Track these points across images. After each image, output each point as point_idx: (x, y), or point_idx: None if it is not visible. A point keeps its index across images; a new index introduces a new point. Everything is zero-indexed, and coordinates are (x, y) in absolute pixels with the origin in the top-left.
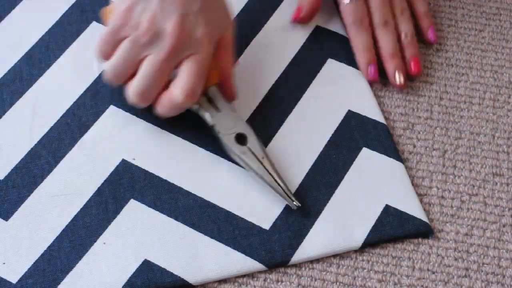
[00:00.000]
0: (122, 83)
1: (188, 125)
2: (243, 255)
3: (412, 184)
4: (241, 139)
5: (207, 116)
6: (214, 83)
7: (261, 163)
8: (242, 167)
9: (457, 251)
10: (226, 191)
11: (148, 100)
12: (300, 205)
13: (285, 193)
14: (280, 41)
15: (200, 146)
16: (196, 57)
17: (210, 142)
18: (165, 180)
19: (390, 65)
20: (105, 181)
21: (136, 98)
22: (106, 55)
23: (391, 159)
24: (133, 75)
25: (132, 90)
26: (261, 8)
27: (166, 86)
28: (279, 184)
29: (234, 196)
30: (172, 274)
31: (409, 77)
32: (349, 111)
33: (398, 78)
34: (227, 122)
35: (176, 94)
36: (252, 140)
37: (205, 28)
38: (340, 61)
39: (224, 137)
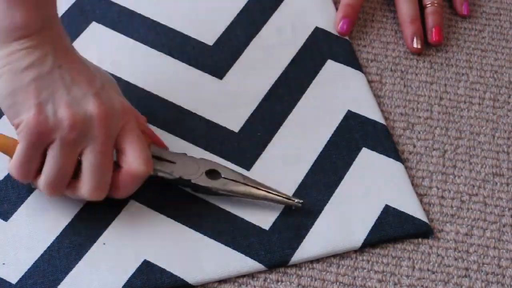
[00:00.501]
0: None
1: (188, 125)
2: (243, 255)
3: (412, 184)
4: (213, 174)
5: (169, 172)
6: (149, 142)
7: (247, 184)
8: (233, 198)
9: (457, 251)
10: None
11: (106, 191)
12: (303, 201)
13: (284, 199)
14: (279, 41)
15: (200, 146)
16: (130, 127)
17: (210, 142)
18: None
19: (409, 29)
20: None
21: (90, 195)
22: (29, 175)
23: (391, 159)
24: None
25: (88, 189)
26: (261, 8)
27: (113, 169)
28: (274, 195)
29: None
30: (172, 274)
31: (428, 45)
32: (349, 111)
33: (415, 43)
34: (190, 167)
35: (136, 166)
36: (224, 170)
37: (118, 98)
38: (340, 62)
39: (197, 182)
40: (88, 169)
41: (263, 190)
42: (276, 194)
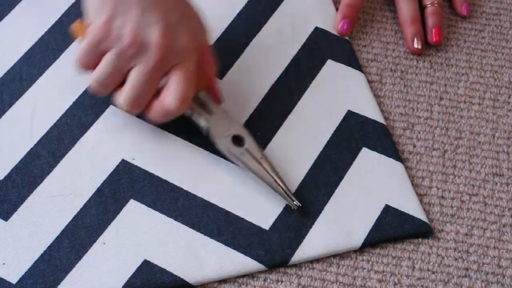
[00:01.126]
0: (108, 93)
1: (188, 125)
2: (243, 255)
3: (412, 184)
4: (237, 140)
5: (202, 120)
6: (202, 88)
7: (260, 164)
8: (241, 168)
9: (457, 251)
10: (226, 191)
11: (140, 108)
12: (300, 205)
13: (285, 193)
14: (279, 41)
15: (200, 146)
16: (184, 65)
17: (210, 142)
18: (165, 180)
19: (409, 30)
20: (104, 181)
21: (127, 106)
22: (88, 66)
23: (391, 159)
24: (119, 85)
25: (123, 99)
26: (261, 8)
27: (157, 93)
28: (279, 185)
29: (234, 196)
30: (172, 274)
31: (428, 45)
32: (349, 111)
33: (416, 43)
34: (221, 124)
35: (169, 101)
36: (249, 141)
37: (187, 37)
38: (340, 61)
39: (220, 140)
40: (130, 82)
41: (272, 176)
42: (280, 186)
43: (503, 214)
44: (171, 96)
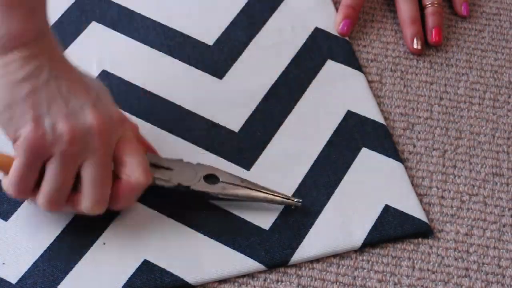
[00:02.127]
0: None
1: (188, 125)
2: (243, 255)
3: (412, 184)
4: (212, 179)
5: (168, 180)
6: (145, 152)
7: (246, 187)
8: (233, 202)
9: (457, 251)
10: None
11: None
12: (302, 200)
13: (283, 199)
14: (279, 41)
15: (200, 146)
16: (127, 137)
17: (210, 142)
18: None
19: (409, 30)
20: None
21: (96, 206)
22: (28, 191)
23: (391, 159)
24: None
25: (91, 201)
26: (261, 8)
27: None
28: (273, 195)
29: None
30: (171, 274)
31: (428, 45)
32: (349, 111)
33: (416, 44)
34: (187, 172)
35: (136, 177)
36: (222, 174)
37: (114, 108)
38: (340, 62)
39: (196, 186)
40: (88, 182)
41: (262, 192)
42: (275, 195)
43: (503, 214)
44: (135, 171)
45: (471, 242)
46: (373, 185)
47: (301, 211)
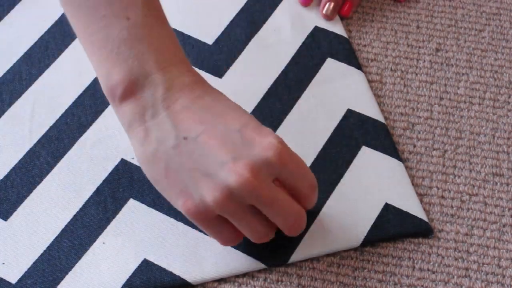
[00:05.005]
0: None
1: None
2: (243, 254)
3: (412, 184)
4: None
5: None
6: None
7: None
8: None
9: (457, 251)
10: None
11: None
12: None
13: None
14: (279, 40)
15: None
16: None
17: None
18: None
19: None
20: (104, 180)
21: (294, 226)
22: (235, 238)
23: (391, 157)
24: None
25: (287, 226)
26: (260, 7)
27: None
28: None
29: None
30: (171, 273)
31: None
32: (348, 110)
33: (326, 9)
34: None
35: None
36: None
37: (265, 133)
38: (339, 60)
39: None
40: (274, 218)
41: None
42: None
43: (503, 214)
44: (311, 179)
45: (471, 242)
46: (373, 184)
47: None
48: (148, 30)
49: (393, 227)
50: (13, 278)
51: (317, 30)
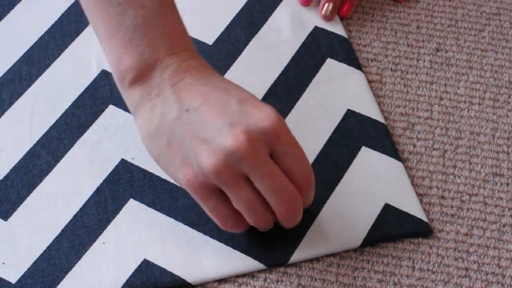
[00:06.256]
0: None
1: None
2: (242, 255)
3: (412, 184)
4: None
5: None
6: None
7: None
8: None
9: (457, 251)
10: None
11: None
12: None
13: None
14: (279, 40)
15: None
16: (288, 140)
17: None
18: (164, 180)
19: None
20: (104, 180)
21: (290, 214)
22: (233, 219)
23: (391, 158)
24: None
25: (280, 211)
26: (260, 7)
27: None
28: None
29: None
30: (171, 273)
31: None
32: (348, 110)
33: (325, 10)
34: None
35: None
36: None
37: (264, 107)
38: (339, 60)
39: None
40: (267, 194)
41: None
42: None
43: (503, 214)
44: (308, 171)
45: (471, 242)
46: (373, 184)
47: None
48: (162, 18)
49: (393, 227)
50: (13, 278)
51: (317, 30)
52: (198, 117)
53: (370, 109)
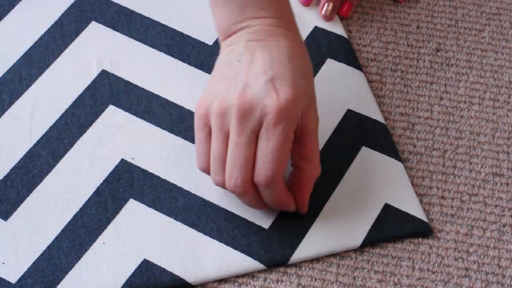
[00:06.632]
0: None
1: (188, 124)
2: (242, 255)
3: (412, 184)
4: None
5: None
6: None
7: None
8: None
9: (457, 251)
10: (225, 191)
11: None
12: None
13: None
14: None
15: None
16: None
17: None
18: (164, 180)
19: None
20: (104, 181)
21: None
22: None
23: (391, 158)
24: None
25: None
26: None
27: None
28: None
29: (234, 195)
30: (171, 273)
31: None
32: (348, 110)
33: (325, 10)
34: None
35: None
36: None
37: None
38: (339, 61)
39: None
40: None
41: None
42: None
43: (503, 214)
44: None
45: (471, 242)
46: (373, 184)
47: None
48: None
49: (392, 228)
50: (13, 278)
51: (317, 30)
52: (238, 69)
53: (370, 109)
